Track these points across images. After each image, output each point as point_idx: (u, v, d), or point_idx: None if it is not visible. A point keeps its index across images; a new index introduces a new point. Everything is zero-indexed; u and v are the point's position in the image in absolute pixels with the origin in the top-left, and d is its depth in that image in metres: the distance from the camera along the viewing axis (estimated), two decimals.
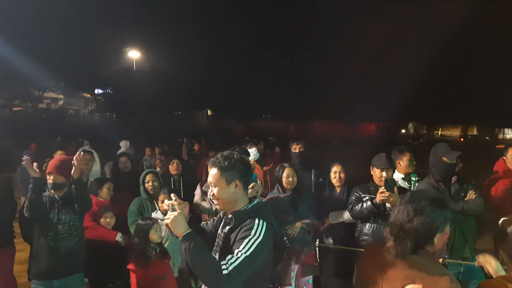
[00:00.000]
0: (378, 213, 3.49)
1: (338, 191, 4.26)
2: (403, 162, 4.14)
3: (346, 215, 3.88)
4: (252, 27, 39.00)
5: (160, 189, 4.28)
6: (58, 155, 4.95)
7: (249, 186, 3.08)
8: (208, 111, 53.27)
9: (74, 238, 3.51)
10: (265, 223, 2.04)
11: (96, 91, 49.27)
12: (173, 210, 2.11)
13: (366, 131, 36.25)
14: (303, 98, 38.10)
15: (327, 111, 36.22)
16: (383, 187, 3.35)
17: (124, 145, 11.14)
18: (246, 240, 1.96)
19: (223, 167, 2.08)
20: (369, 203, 3.49)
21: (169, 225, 2.03)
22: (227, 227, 2.12)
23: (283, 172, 3.94)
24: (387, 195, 3.28)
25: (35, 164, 3.36)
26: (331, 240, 4.09)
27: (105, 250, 3.87)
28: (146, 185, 4.37)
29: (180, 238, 2.00)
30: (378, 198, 3.37)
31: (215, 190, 2.10)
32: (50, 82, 44.27)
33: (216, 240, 2.19)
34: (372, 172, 3.73)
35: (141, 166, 8.97)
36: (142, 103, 36.66)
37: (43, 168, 4.53)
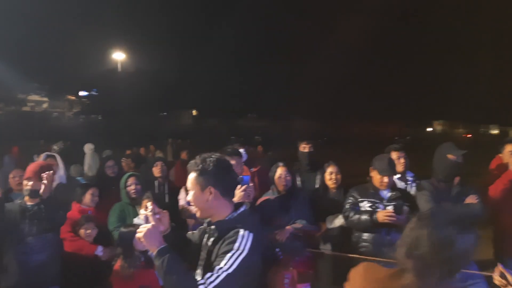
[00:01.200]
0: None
1: (333, 193, 4.06)
2: None
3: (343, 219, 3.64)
4: (236, 26, 39.00)
5: (142, 192, 3.99)
6: (38, 160, 4.61)
7: (240, 189, 2.90)
8: (193, 111, 53.16)
9: (46, 250, 3.28)
10: (251, 234, 1.80)
11: (81, 93, 48.84)
12: (148, 221, 1.93)
13: (354, 129, 36.65)
14: (288, 96, 38.49)
15: (314, 109, 36.67)
16: (391, 208, 3.16)
17: (88, 148, 10.62)
18: (229, 255, 1.73)
19: (198, 171, 1.88)
20: (367, 217, 3.25)
21: (141, 239, 1.83)
22: (211, 238, 1.90)
23: (275, 171, 3.70)
24: (394, 219, 3.10)
25: None
26: (328, 246, 3.82)
27: (82, 263, 3.54)
28: (127, 188, 4.05)
29: (154, 254, 1.80)
30: (381, 217, 3.15)
31: (189, 196, 1.92)
32: (34, 85, 43.74)
33: (202, 252, 1.97)
34: (371, 174, 3.46)
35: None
36: (127, 104, 36.53)
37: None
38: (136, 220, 3.80)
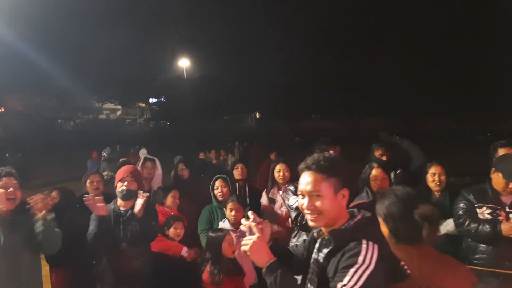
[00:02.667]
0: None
1: (437, 196, 3.65)
2: None
3: (451, 226, 3.23)
4: (298, 26, 38.62)
5: (230, 195, 3.97)
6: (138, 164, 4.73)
7: None
8: (256, 114, 53.63)
9: (141, 256, 3.21)
10: (375, 246, 1.53)
11: (151, 100, 51.37)
12: (251, 232, 1.73)
13: (430, 125, 34.22)
14: (353, 95, 37.23)
15: (380, 107, 35.12)
16: None
17: (142, 154, 11.22)
18: (352, 270, 1.48)
19: (329, 172, 1.62)
20: (489, 228, 2.82)
21: (248, 253, 1.65)
22: (325, 250, 1.64)
23: (370, 172, 3.39)
24: None
25: (98, 198, 3.15)
26: None
27: (170, 265, 3.47)
28: (215, 191, 4.06)
29: (263, 269, 1.61)
30: (508, 230, 2.76)
31: (318, 202, 1.62)
32: (108, 94, 46.82)
33: (311, 266, 1.71)
34: (492, 175, 3.02)
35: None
36: (192, 110, 37.69)
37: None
38: (221, 224, 3.74)
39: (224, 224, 3.73)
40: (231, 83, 41.94)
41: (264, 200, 4.20)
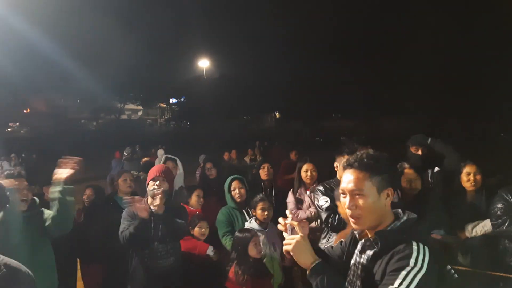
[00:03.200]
0: None
1: (473, 196, 3.51)
2: None
3: (489, 227, 3.11)
4: (318, 25, 38.32)
5: (247, 196, 3.90)
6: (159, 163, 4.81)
7: None
8: (276, 114, 53.52)
9: (172, 255, 3.18)
10: (426, 248, 1.46)
11: (171, 100, 51.92)
12: (293, 232, 1.67)
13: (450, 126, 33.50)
14: (375, 94, 36.65)
15: (403, 107, 34.45)
16: None
17: (160, 154, 11.36)
18: (403, 273, 1.40)
19: (373, 170, 1.55)
20: None
21: (291, 253, 1.58)
22: (369, 252, 1.57)
23: (402, 172, 3.28)
24: None
25: (138, 199, 3.13)
26: (468, 260, 3.31)
27: (196, 265, 3.47)
28: (232, 192, 3.94)
29: (308, 271, 1.54)
30: None
31: (360, 201, 1.54)
32: (130, 95, 47.55)
33: (352, 269, 1.64)
34: None
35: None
36: (212, 110, 37.84)
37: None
38: (247, 225, 3.65)
39: (251, 224, 3.63)
40: (251, 83, 41.94)
41: (290, 200, 4.10)
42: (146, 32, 35.37)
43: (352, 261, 1.65)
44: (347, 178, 1.59)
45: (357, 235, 1.67)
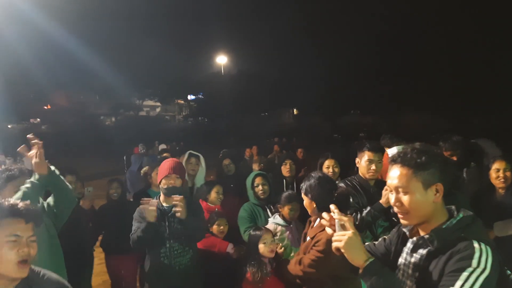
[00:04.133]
0: None
1: (502, 193, 3.38)
2: None
3: None
4: (335, 23, 37.87)
5: (270, 192, 3.81)
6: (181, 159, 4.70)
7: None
8: (294, 110, 53.22)
9: (188, 253, 3.10)
10: (488, 248, 1.37)
11: (189, 97, 52.20)
12: (341, 227, 1.57)
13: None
14: (395, 90, 35.94)
15: (425, 103, 33.67)
16: None
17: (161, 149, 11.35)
18: (465, 274, 1.31)
19: (418, 165, 1.47)
20: None
21: (342, 250, 1.50)
22: (422, 251, 1.48)
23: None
24: None
25: (154, 202, 3.03)
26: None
27: (216, 263, 3.40)
28: (255, 189, 3.83)
29: (361, 270, 1.47)
30: None
31: (405, 198, 1.48)
32: (148, 91, 48.00)
33: (401, 269, 1.56)
34: None
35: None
36: (230, 106, 37.87)
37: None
38: (272, 220, 3.54)
39: (275, 219, 3.53)
40: (269, 79, 41.85)
41: None
42: (164, 29, 35.60)
43: (401, 260, 1.57)
44: (392, 174, 1.53)
45: (407, 233, 1.59)
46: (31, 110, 38.02)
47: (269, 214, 3.72)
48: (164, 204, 3.12)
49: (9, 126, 34.16)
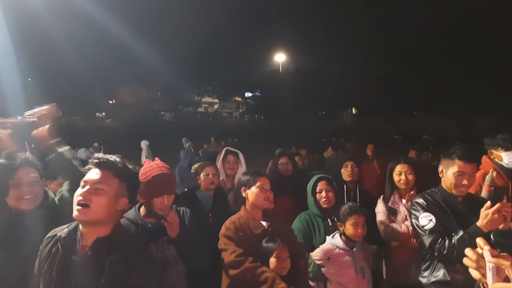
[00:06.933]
0: None
1: None
2: None
3: None
4: (398, 20, 36.05)
5: (336, 201, 3.16)
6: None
7: None
8: (353, 109, 51.61)
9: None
10: None
11: (246, 94, 52.50)
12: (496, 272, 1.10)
13: None
14: (462, 92, 33.47)
15: (491, 107, 31.03)
16: None
17: (144, 145, 11.50)
18: None
19: None
20: None
21: None
22: None
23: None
24: None
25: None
26: None
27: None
28: (317, 195, 3.18)
29: None
30: None
31: None
32: (207, 88, 48.93)
33: None
34: None
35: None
36: (287, 104, 37.43)
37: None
38: (330, 240, 2.93)
39: (334, 240, 2.92)
40: (327, 78, 40.87)
41: (380, 209, 3.29)
42: (223, 27, 35.94)
43: None
44: None
45: None
46: (97, 105, 40.08)
47: (331, 229, 3.08)
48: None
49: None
